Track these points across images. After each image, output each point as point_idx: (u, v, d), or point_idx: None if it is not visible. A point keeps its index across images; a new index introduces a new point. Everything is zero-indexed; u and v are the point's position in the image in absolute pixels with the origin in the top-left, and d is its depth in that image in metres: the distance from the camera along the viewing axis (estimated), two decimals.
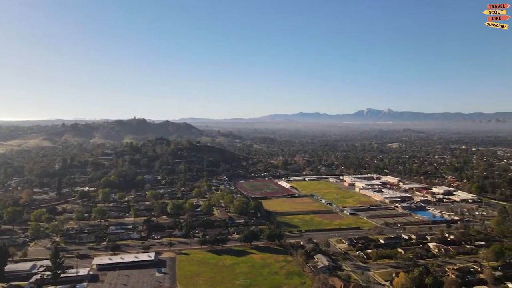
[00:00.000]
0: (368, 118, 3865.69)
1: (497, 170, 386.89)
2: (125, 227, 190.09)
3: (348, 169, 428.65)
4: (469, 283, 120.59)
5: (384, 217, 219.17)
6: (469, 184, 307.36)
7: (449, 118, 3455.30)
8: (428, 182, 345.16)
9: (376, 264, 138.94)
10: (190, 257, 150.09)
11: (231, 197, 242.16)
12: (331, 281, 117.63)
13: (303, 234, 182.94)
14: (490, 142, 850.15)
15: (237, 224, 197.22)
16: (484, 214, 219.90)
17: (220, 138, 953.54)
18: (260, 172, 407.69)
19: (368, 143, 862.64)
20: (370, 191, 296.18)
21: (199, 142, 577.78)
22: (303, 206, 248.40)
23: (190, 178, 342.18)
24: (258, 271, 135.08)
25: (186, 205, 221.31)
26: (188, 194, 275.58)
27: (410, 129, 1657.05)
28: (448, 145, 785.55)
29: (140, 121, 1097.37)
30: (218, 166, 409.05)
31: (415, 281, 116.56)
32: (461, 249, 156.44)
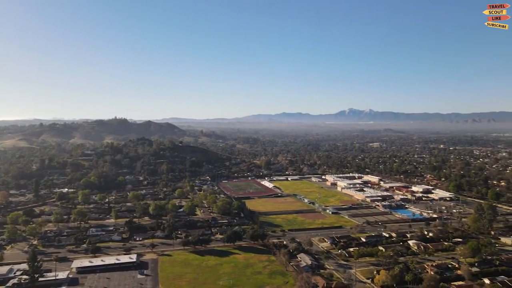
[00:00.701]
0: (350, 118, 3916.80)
1: (473, 169, 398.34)
2: (106, 229, 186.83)
3: (330, 169, 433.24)
4: (447, 279, 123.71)
5: (366, 215, 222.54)
6: (447, 182, 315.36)
7: (428, 118, 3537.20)
8: (408, 181, 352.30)
9: (358, 262, 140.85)
10: (173, 258, 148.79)
11: (214, 197, 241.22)
12: (314, 280, 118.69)
13: (286, 234, 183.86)
14: (467, 142, 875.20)
15: (220, 224, 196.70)
16: (461, 212, 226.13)
17: (203, 138, 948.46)
18: (243, 172, 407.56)
19: (350, 143, 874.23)
20: (352, 190, 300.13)
21: (181, 142, 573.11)
22: (286, 206, 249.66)
23: (173, 179, 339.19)
24: (242, 271, 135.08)
25: (169, 206, 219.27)
26: (171, 195, 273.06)
27: (390, 129, 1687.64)
28: (427, 145, 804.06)
29: (121, 121, 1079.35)
30: (201, 166, 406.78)
31: (395, 278, 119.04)
32: (440, 246, 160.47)
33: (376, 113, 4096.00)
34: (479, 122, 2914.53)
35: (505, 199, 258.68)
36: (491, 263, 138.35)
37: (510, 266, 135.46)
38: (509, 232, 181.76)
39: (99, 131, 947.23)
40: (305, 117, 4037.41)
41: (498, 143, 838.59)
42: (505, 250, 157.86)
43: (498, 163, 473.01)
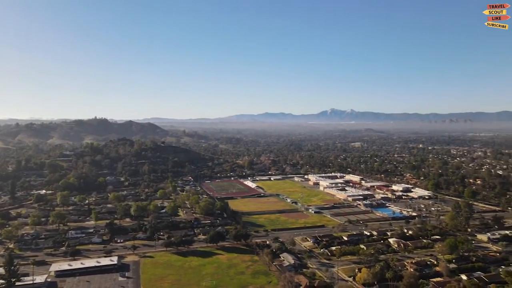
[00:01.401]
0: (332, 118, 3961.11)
1: (450, 168, 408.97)
2: (86, 231, 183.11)
3: (313, 168, 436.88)
4: (426, 276, 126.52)
5: (347, 214, 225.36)
6: (425, 181, 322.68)
7: (407, 118, 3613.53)
8: (388, 180, 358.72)
9: (340, 261, 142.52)
10: (155, 260, 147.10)
11: (197, 198, 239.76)
12: (296, 279, 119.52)
13: (269, 234, 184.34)
14: (445, 141, 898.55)
15: (203, 225, 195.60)
16: (439, 210, 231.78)
17: (185, 138, 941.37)
18: (226, 172, 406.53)
19: (332, 143, 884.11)
20: (334, 190, 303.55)
21: (163, 142, 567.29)
22: (269, 206, 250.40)
23: (155, 179, 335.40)
24: (225, 271, 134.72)
25: (151, 207, 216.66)
26: (153, 196, 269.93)
27: (371, 129, 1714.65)
28: (407, 144, 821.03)
29: (101, 121, 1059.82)
30: (184, 166, 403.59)
31: (376, 276, 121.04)
32: (419, 243, 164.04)
33: (357, 113, 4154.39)
34: (456, 122, 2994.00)
35: (481, 197, 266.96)
36: (468, 260, 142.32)
37: (486, 262, 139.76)
38: (485, 229, 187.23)
39: (78, 131, 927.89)
40: (288, 117, 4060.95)
41: (474, 142, 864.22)
42: (481, 246, 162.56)
43: (474, 162, 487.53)
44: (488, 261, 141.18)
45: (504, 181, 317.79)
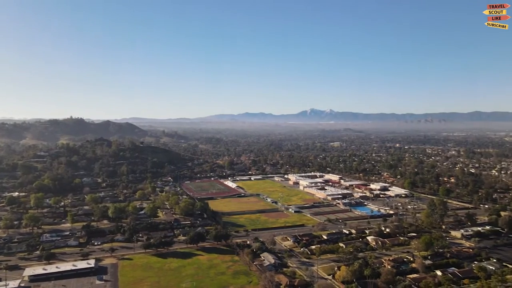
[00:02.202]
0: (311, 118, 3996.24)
1: (426, 167, 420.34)
2: (61, 234, 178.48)
3: (293, 168, 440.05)
4: (403, 273, 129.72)
5: (327, 213, 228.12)
6: (402, 180, 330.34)
7: (384, 118, 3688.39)
8: (367, 179, 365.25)
9: (319, 259, 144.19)
10: (134, 262, 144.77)
11: (177, 199, 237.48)
12: (277, 279, 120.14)
13: (250, 233, 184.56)
14: (420, 141, 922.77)
15: (183, 225, 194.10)
16: (415, 208, 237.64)
17: (164, 139, 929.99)
18: (206, 173, 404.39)
19: (312, 143, 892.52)
20: (313, 189, 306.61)
21: (142, 142, 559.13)
22: (249, 206, 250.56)
23: (133, 180, 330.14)
24: (205, 272, 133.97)
25: (129, 208, 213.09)
26: (131, 197, 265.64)
27: (350, 129, 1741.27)
28: (384, 144, 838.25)
29: (77, 120, 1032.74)
30: (163, 167, 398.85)
31: (355, 273, 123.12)
32: (396, 241, 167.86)
33: (336, 113, 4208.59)
34: (431, 122, 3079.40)
35: (455, 194, 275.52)
36: (443, 256, 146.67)
37: (460, 258, 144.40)
38: (458, 226, 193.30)
39: (53, 132, 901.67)
40: (268, 117, 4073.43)
41: (448, 142, 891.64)
42: (455, 243, 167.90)
43: (448, 161, 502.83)
44: (461, 257, 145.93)
45: (476, 179, 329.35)
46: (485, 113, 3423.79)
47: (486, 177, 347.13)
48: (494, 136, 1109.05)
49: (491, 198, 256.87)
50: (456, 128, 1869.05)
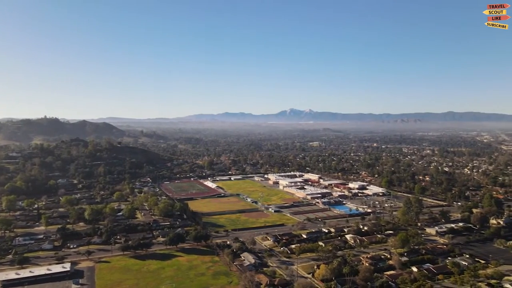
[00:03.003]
0: (291, 118, 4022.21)
1: (402, 166, 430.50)
2: (35, 237, 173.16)
3: (273, 168, 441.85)
4: (380, 270, 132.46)
5: (306, 212, 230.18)
6: (379, 179, 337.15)
7: (362, 118, 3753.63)
8: (345, 178, 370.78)
9: (299, 258, 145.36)
10: (111, 265, 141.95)
11: (156, 199, 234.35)
12: (257, 278, 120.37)
13: (230, 234, 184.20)
14: (397, 140, 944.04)
15: (162, 227, 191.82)
16: (392, 206, 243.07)
17: (143, 139, 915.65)
18: (185, 173, 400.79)
19: (291, 142, 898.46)
20: (293, 189, 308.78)
21: (120, 143, 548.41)
22: (229, 206, 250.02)
23: (111, 181, 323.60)
24: (185, 273, 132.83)
25: (106, 210, 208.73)
26: (109, 198, 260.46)
27: (329, 129, 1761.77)
28: (362, 143, 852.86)
29: (52, 120, 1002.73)
30: (141, 167, 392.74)
31: (334, 272, 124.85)
32: (373, 238, 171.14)
33: (315, 113, 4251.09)
34: (407, 122, 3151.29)
35: (430, 192, 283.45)
36: (418, 252, 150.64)
37: (435, 254, 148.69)
38: (433, 223, 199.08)
39: (26, 132, 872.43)
40: (248, 117, 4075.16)
41: (423, 141, 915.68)
42: (430, 239, 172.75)
43: (423, 159, 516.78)
44: (436, 253, 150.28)
45: (450, 177, 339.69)
46: (458, 113, 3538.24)
47: (459, 176, 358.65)
48: (466, 136, 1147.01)
49: (463, 196, 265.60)
50: (431, 128, 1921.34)
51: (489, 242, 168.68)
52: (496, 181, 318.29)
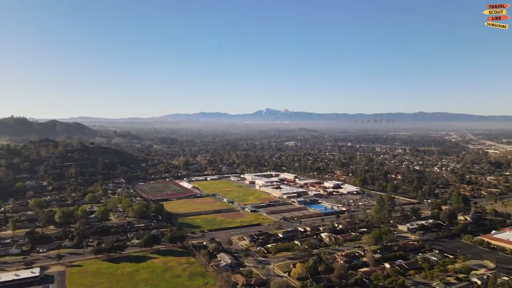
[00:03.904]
0: (267, 118, 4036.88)
1: (375, 165, 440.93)
2: (2, 242, 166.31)
3: (249, 168, 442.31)
4: (355, 267, 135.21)
5: (282, 212, 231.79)
6: (354, 177, 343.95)
7: (337, 118, 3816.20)
8: (321, 177, 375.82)
9: (275, 258, 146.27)
10: (83, 269, 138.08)
11: (130, 201, 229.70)
12: (234, 278, 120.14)
13: (206, 234, 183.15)
14: (370, 140, 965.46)
15: (137, 228, 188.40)
16: (366, 204, 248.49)
17: (116, 139, 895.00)
18: (160, 174, 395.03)
19: (267, 142, 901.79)
20: (269, 188, 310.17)
21: (92, 143, 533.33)
22: (205, 206, 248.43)
23: (83, 183, 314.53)
24: (160, 275, 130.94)
25: (78, 212, 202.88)
26: (81, 200, 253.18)
27: (304, 128, 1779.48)
28: (337, 143, 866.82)
29: (19, 120, 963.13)
30: (115, 168, 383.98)
31: (310, 270, 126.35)
32: (348, 236, 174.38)
33: (291, 113, 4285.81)
34: (380, 122, 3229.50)
35: (401, 190, 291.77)
36: (391, 249, 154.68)
37: (406, 250, 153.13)
38: (405, 220, 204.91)
39: None
40: (224, 116, 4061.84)
41: (395, 140, 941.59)
42: (401, 236, 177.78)
43: (396, 158, 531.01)
44: (407, 249, 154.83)
45: (420, 176, 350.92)
46: (428, 114, 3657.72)
47: (429, 174, 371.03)
48: (436, 135, 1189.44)
49: (433, 194, 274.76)
50: (402, 128, 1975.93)
51: (457, 237, 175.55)
52: (464, 179, 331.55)
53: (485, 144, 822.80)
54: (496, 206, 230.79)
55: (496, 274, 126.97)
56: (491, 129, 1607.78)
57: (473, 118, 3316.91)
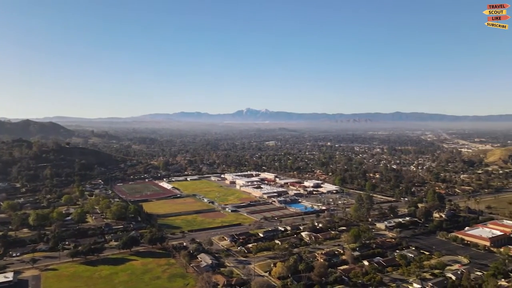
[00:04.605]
0: (247, 118, 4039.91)
1: (354, 164, 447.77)
2: None
3: (229, 168, 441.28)
4: (334, 265, 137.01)
5: (263, 211, 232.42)
6: (333, 177, 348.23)
7: (316, 118, 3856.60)
8: (301, 176, 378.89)
9: (256, 257, 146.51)
10: (59, 273, 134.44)
11: (108, 202, 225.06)
12: (214, 279, 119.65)
13: (186, 235, 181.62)
14: (349, 139, 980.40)
15: (115, 230, 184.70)
16: (345, 203, 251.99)
17: (94, 139, 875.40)
18: (140, 174, 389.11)
19: (248, 142, 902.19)
20: (249, 188, 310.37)
21: (69, 143, 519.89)
22: (186, 207, 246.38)
23: (59, 184, 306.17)
24: (139, 278, 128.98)
25: (53, 215, 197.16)
26: (56, 202, 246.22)
27: (284, 128, 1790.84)
28: (317, 143, 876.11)
29: None
30: (92, 169, 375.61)
31: (290, 269, 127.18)
32: (328, 235, 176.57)
33: (271, 113, 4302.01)
34: (358, 122, 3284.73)
35: (379, 189, 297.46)
36: (369, 247, 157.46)
37: (384, 248, 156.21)
38: (383, 218, 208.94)
39: None
40: (204, 116, 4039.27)
41: (373, 140, 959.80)
42: (379, 234, 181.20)
43: (374, 158, 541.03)
44: (385, 246, 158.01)
45: (397, 174, 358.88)
46: (405, 114, 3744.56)
47: (405, 173, 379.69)
48: (412, 135, 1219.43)
49: (410, 192, 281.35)
50: (380, 127, 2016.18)
51: (432, 234, 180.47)
52: (439, 177, 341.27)
53: (459, 143, 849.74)
54: (469, 203, 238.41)
55: (470, 269, 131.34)
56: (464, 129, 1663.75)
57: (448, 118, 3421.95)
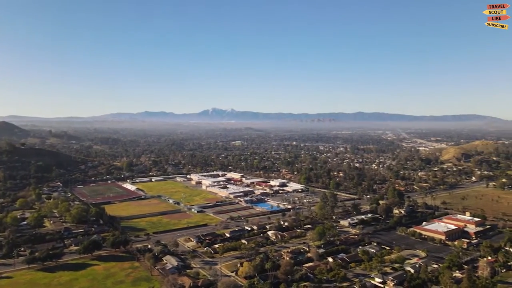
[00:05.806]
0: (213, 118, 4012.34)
1: (319, 163, 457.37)
2: None
3: (195, 168, 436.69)
4: (300, 262, 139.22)
5: (229, 211, 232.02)
6: (298, 175, 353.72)
7: (282, 117, 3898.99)
8: (267, 176, 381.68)
9: (223, 258, 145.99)
10: (14, 281, 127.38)
11: (67, 205, 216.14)
12: (180, 281, 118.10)
13: (151, 237, 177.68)
14: (314, 139, 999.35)
15: (75, 234, 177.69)
16: (311, 201, 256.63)
17: (52, 139, 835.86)
18: (101, 176, 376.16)
19: (214, 142, 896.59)
20: (216, 188, 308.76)
21: (24, 144, 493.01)
22: (150, 208, 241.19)
23: (13, 187, 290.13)
24: (101, 283, 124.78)
25: (7, 220, 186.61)
26: (10, 206, 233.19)
27: (251, 128, 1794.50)
28: (282, 142, 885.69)
29: None
30: (50, 171, 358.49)
31: (257, 268, 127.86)
32: (294, 233, 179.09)
33: (237, 113, 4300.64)
34: (323, 122, 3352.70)
35: (343, 187, 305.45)
36: (334, 244, 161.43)
37: (347, 244, 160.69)
38: (346, 215, 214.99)
39: None
40: (169, 116, 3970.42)
41: (337, 139, 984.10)
42: (343, 231, 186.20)
43: (337, 157, 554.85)
44: (349, 243, 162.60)
45: (360, 173, 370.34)
46: (367, 114, 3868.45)
47: (367, 171, 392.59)
48: (373, 134, 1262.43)
49: (372, 189, 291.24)
50: (343, 127, 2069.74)
51: (393, 230, 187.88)
52: (398, 175, 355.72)
53: (417, 142, 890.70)
54: (426, 199, 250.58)
55: (427, 262, 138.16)
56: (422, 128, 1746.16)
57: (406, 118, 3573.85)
